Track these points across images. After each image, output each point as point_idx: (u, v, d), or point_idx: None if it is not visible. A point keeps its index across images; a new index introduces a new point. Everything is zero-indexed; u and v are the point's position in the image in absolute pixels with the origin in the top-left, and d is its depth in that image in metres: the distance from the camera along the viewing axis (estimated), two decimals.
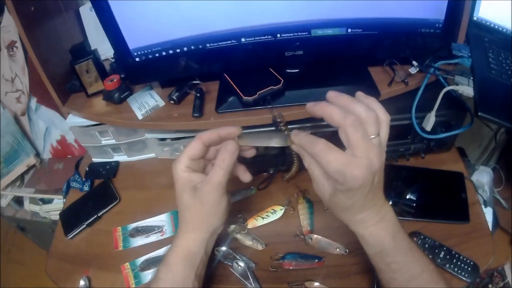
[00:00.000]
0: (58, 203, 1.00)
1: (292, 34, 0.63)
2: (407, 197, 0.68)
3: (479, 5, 0.75)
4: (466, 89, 0.63)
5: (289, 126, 0.59)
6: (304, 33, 0.63)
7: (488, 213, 0.81)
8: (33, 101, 0.98)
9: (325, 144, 0.40)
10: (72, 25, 0.85)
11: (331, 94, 0.43)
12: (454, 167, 0.75)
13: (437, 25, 0.64)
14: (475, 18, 0.76)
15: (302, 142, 0.43)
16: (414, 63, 0.68)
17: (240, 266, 0.61)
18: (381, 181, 0.43)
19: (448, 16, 0.62)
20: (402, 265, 0.46)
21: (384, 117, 0.42)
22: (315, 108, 0.42)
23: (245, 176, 0.52)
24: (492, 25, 0.75)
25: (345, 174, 0.38)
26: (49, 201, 1.02)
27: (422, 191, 0.69)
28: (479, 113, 0.58)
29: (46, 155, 1.07)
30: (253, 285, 0.59)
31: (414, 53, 0.69)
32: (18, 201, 1.10)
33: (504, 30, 0.75)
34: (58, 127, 1.00)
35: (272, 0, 0.58)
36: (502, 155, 1.18)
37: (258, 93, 0.62)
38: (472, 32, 0.73)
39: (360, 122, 0.39)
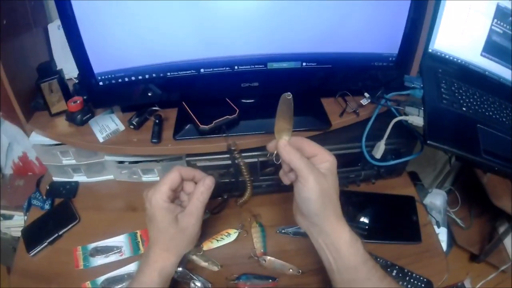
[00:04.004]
0: (18, 220, 0.99)
1: (249, 67, 0.65)
2: (360, 219, 0.72)
3: (435, 38, 0.78)
4: (415, 119, 0.66)
5: (242, 154, 0.62)
6: (260, 66, 0.66)
7: (442, 233, 0.86)
8: None
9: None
10: (39, 42, 0.85)
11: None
12: (406, 191, 0.79)
13: (390, 59, 0.68)
14: (430, 50, 0.79)
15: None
16: (366, 94, 0.71)
17: (197, 286, 0.63)
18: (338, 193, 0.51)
19: (402, 50, 0.66)
20: (375, 261, 0.51)
21: None
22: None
23: None
24: (447, 56, 0.79)
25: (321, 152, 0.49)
26: (10, 217, 1.01)
27: (374, 214, 0.73)
28: (428, 141, 0.61)
29: (8, 171, 1.06)
30: None
31: (366, 85, 0.72)
32: None
33: (459, 60, 0.79)
34: (20, 143, 0.99)
35: (231, 34, 0.61)
36: (457, 177, 1.25)
37: (214, 122, 0.64)
38: (426, 64, 0.77)
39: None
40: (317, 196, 0.47)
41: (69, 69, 0.85)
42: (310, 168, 0.47)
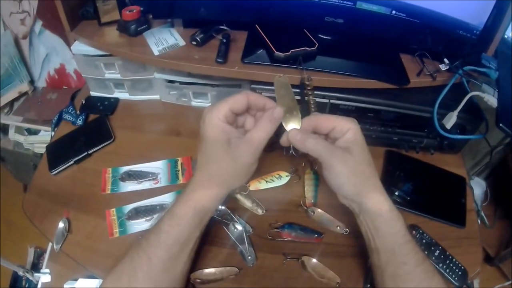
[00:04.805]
0: (44, 135, 0.94)
1: (337, 1, 0.61)
2: (408, 186, 0.69)
3: None
4: (491, 98, 0.64)
5: (314, 92, 0.57)
6: (349, 3, 0.62)
7: None
8: (38, 25, 0.92)
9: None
10: None
11: None
12: (457, 171, 0.75)
13: (474, 31, 0.64)
14: (506, 36, 0.75)
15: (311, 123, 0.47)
16: (446, 60, 0.68)
17: (237, 229, 0.58)
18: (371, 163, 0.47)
19: (487, 26, 0.63)
20: (415, 244, 0.47)
21: None
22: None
23: None
24: None
25: (339, 123, 0.45)
26: (36, 132, 0.96)
27: (423, 185, 0.70)
28: (500, 124, 0.58)
29: (41, 83, 1.01)
30: (247, 251, 0.56)
31: (445, 51, 0.68)
32: (4, 129, 1.03)
33: None
34: (59, 54, 0.94)
35: None
36: (492, 173, 1.22)
37: (291, 50, 0.59)
38: (502, 48, 0.73)
39: None
40: (348, 178, 0.44)
41: None
42: (331, 151, 0.44)
